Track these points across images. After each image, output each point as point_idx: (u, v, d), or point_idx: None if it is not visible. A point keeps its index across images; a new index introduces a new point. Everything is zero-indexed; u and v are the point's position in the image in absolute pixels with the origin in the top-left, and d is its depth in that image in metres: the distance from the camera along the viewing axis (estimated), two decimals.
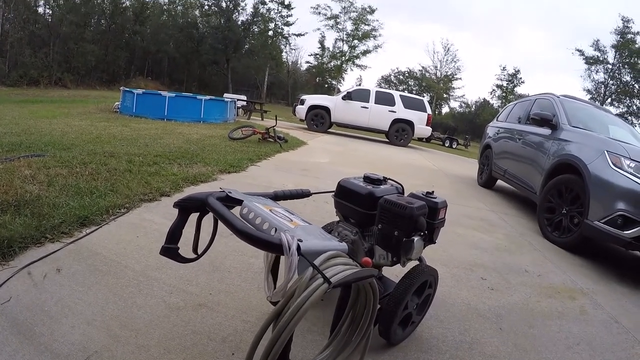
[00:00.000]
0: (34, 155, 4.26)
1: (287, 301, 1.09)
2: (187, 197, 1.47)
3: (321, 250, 1.19)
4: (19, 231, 2.30)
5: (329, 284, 1.10)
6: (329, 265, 1.16)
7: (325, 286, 1.10)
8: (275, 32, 49.46)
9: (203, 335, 1.75)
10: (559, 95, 6.16)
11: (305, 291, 1.08)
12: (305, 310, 1.07)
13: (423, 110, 14.93)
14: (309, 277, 1.11)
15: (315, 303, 1.08)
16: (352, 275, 1.16)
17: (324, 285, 1.10)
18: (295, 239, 1.14)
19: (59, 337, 1.59)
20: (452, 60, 56.95)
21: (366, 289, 1.31)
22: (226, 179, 4.62)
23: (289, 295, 1.10)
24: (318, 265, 1.13)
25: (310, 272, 1.12)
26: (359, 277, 1.18)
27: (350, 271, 1.17)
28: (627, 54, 41.63)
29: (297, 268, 1.12)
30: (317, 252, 1.17)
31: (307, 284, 1.10)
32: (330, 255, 1.18)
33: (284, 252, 1.12)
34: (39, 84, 30.05)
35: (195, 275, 2.24)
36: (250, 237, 1.17)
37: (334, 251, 1.21)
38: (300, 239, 1.17)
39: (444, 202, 1.95)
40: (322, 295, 1.10)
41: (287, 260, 1.12)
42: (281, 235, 1.16)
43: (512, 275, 3.14)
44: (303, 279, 1.10)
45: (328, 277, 1.11)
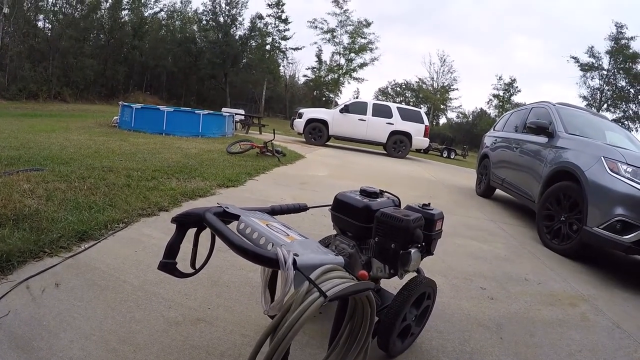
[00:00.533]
0: (32, 170, 4.27)
1: (284, 315, 1.10)
2: (185, 212, 1.48)
3: (317, 264, 1.20)
4: (17, 245, 2.30)
5: (325, 297, 1.11)
6: (325, 279, 1.17)
7: (321, 300, 1.11)
8: (272, 46, 49.79)
9: (202, 349, 1.75)
10: (555, 103, 6.21)
11: (301, 305, 1.09)
12: (301, 323, 1.08)
13: (420, 122, 15.01)
14: (305, 291, 1.12)
15: (311, 316, 1.09)
16: (348, 289, 1.17)
17: (320, 299, 1.11)
18: (291, 254, 1.16)
19: (58, 352, 1.59)
20: (448, 71, 57.53)
21: (363, 301, 1.32)
22: (224, 194, 4.62)
23: (286, 309, 1.11)
24: (314, 279, 1.14)
25: (306, 286, 1.13)
26: (355, 290, 1.19)
27: (346, 284, 1.18)
28: (622, 59, 42.05)
29: (294, 282, 1.13)
30: (314, 266, 1.18)
31: (303, 298, 1.11)
32: (326, 269, 1.19)
33: (280, 267, 1.13)
34: (38, 98, 30.10)
35: (193, 289, 2.25)
36: (246, 252, 1.18)
37: (330, 265, 1.22)
38: (297, 254, 1.18)
39: (440, 213, 1.97)
40: (318, 309, 1.11)
41: (283, 274, 1.14)
42: (277, 250, 1.17)
43: (512, 284, 3.14)
44: (299, 293, 1.11)
45: (324, 290, 1.12)
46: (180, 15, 49.77)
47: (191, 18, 49.68)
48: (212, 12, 46.61)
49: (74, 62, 34.13)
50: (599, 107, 42.64)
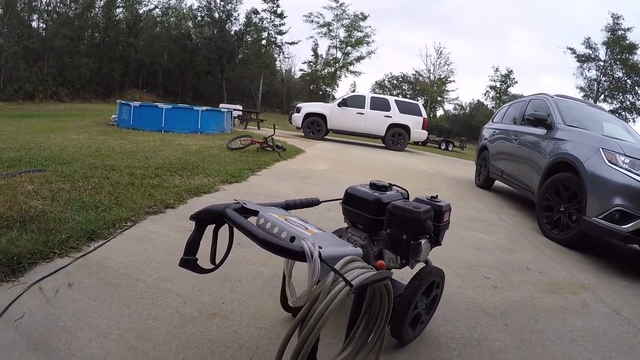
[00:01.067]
0: (35, 170, 4.26)
1: (312, 305, 1.13)
2: (204, 209, 1.50)
3: (340, 255, 1.23)
4: (27, 247, 2.31)
5: (351, 286, 1.14)
6: (348, 269, 1.20)
7: (347, 289, 1.14)
8: (268, 41, 49.52)
9: (220, 343, 1.77)
10: (553, 95, 6.24)
11: (329, 294, 1.13)
12: (330, 312, 1.11)
13: (418, 115, 15.03)
14: (332, 281, 1.15)
15: (338, 305, 1.12)
16: (371, 278, 1.21)
17: (345, 288, 1.14)
18: (316, 246, 1.18)
19: (77, 352, 1.60)
20: (445, 63, 57.26)
21: (381, 290, 1.35)
22: (228, 190, 4.63)
23: (313, 299, 1.14)
24: (338, 269, 1.17)
25: (332, 276, 1.16)
26: (377, 279, 1.23)
27: (368, 274, 1.21)
28: (618, 50, 41.97)
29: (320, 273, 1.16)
30: (336, 257, 1.22)
31: (330, 288, 1.14)
32: (349, 260, 1.23)
33: (306, 259, 1.16)
34: (34, 98, 29.96)
35: (207, 285, 2.26)
36: (272, 246, 1.21)
37: (351, 256, 1.25)
38: (320, 246, 1.20)
39: (447, 205, 2.03)
40: (344, 298, 1.14)
41: (309, 266, 1.16)
42: (302, 243, 1.20)
43: (515, 274, 3.19)
44: (326, 283, 1.14)
45: (349, 280, 1.15)
46: (175, 11, 49.48)
47: (186, 14, 49.37)
48: (207, 8, 46.24)
49: (70, 61, 33.92)
50: (596, 98, 42.64)
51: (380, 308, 1.41)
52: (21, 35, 32.52)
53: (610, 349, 2.21)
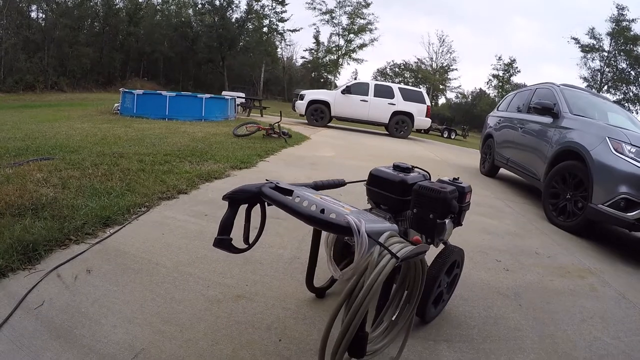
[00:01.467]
0: (43, 159, 4.23)
1: (359, 278, 1.12)
2: (238, 189, 1.48)
3: (381, 230, 1.23)
4: (41, 234, 2.27)
5: (397, 258, 1.14)
6: (390, 243, 1.21)
7: (393, 261, 1.14)
8: (269, 28, 49.21)
9: (247, 324, 1.76)
10: (559, 84, 6.21)
11: (376, 267, 1.13)
12: (378, 285, 1.11)
13: (422, 102, 14.89)
14: (378, 254, 1.15)
15: (384, 278, 1.12)
16: (414, 250, 1.21)
17: (392, 260, 1.14)
18: (362, 221, 1.18)
19: (102, 338, 1.57)
20: (447, 52, 56.68)
21: (417, 265, 1.35)
22: (239, 175, 4.61)
23: (361, 272, 1.14)
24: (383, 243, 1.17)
25: (378, 249, 1.16)
26: (420, 251, 1.24)
27: (409, 247, 1.21)
28: (623, 42, 41.53)
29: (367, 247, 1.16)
30: (378, 232, 1.22)
31: (377, 261, 1.14)
32: (390, 235, 1.22)
33: (353, 234, 1.16)
34: (35, 89, 29.97)
35: (228, 268, 2.25)
36: (319, 222, 1.21)
37: (390, 231, 1.24)
38: (363, 220, 1.20)
39: (469, 187, 2.05)
40: (390, 270, 1.14)
41: (356, 240, 1.16)
42: (348, 218, 1.19)
43: (524, 257, 3.24)
44: (373, 256, 1.14)
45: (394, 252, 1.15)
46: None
47: (186, 2, 48.99)
48: None
49: (70, 51, 33.83)
50: (600, 89, 42.15)
51: (414, 283, 1.40)
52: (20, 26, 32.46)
53: (618, 330, 2.26)
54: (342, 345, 1.14)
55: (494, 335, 2.00)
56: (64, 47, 33.69)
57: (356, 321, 1.10)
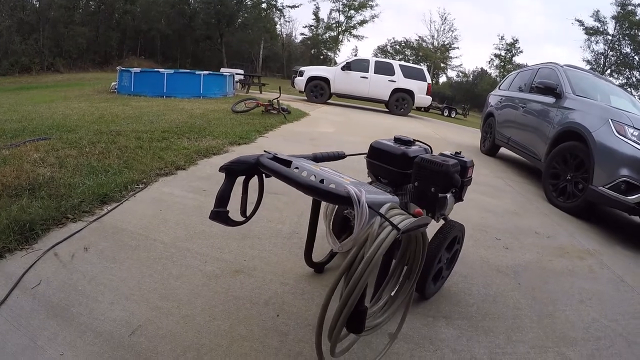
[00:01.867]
0: (39, 139, 4.18)
1: (359, 250, 1.08)
2: (235, 160, 1.44)
3: (382, 201, 1.19)
4: (38, 213, 2.24)
5: (398, 230, 1.11)
6: (391, 215, 1.16)
7: (394, 232, 1.10)
8: (268, 4, 48.45)
9: (245, 300, 1.75)
10: (563, 65, 6.14)
11: (377, 239, 1.09)
12: (379, 257, 1.07)
13: (423, 80, 14.69)
14: (379, 224, 1.11)
15: (385, 250, 1.08)
16: (416, 222, 1.18)
17: (393, 232, 1.10)
18: (363, 191, 1.14)
19: (99, 315, 1.56)
20: (449, 30, 55.67)
21: (417, 238, 1.31)
22: (237, 150, 4.57)
23: (361, 244, 1.10)
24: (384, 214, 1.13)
25: (378, 221, 1.12)
26: (421, 224, 1.21)
27: (411, 219, 1.17)
28: (627, 26, 40.74)
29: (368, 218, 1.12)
30: (379, 203, 1.18)
31: (377, 232, 1.10)
32: (390, 207, 1.18)
33: (353, 204, 1.12)
34: (31, 71, 29.69)
35: (226, 243, 2.23)
36: (318, 192, 1.17)
37: (391, 203, 1.20)
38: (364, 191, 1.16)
39: (471, 161, 2.02)
40: (391, 242, 1.10)
41: (357, 211, 1.12)
42: (348, 188, 1.15)
43: (524, 237, 3.24)
44: (373, 228, 1.10)
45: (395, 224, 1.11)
46: None
47: None
48: None
49: (65, 31, 33.35)
50: (602, 72, 41.24)
51: (415, 257, 1.37)
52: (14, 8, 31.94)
53: (616, 313, 2.25)
54: (341, 320, 1.11)
55: (493, 313, 2.00)
56: (59, 27, 33.20)
57: (355, 294, 1.06)
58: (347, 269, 1.09)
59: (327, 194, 1.16)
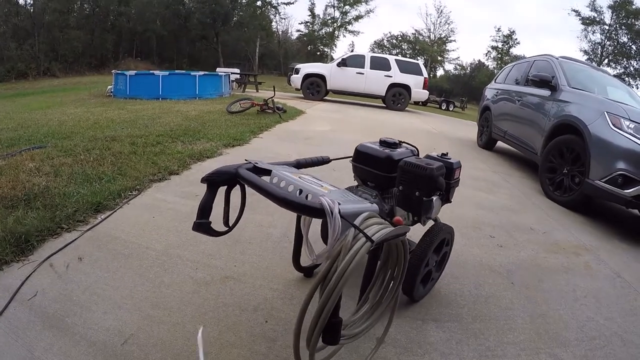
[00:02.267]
0: (35, 148, 4.20)
1: (333, 262, 1.10)
2: (215, 171, 1.45)
3: (358, 211, 1.20)
4: (34, 224, 2.27)
5: (372, 242, 1.11)
6: (367, 225, 1.18)
7: (368, 244, 1.11)
8: (263, 2, 48.29)
9: (234, 306, 1.77)
10: (558, 57, 6.11)
11: (350, 251, 1.10)
12: (352, 269, 1.08)
13: (419, 74, 14.67)
14: (352, 237, 1.12)
15: (359, 262, 1.09)
16: (391, 233, 1.18)
17: (367, 243, 1.11)
18: (336, 203, 1.15)
19: (93, 325, 1.59)
20: (445, 23, 55.86)
21: (398, 246, 1.33)
22: (231, 153, 4.59)
23: (334, 256, 1.11)
24: (358, 225, 1.15)
25: (352, 232, 1.13)
26: (397, 234, 1.20)
27: (387, 229, 1.18)
28: (624, 15, 40.79)
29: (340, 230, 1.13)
30: (355, 213, 1.19)
31: (351, 244, 1.11)
32: (367, 216, 1.20)
33: (326, 216, 1.13)
34: (27, 76, 29.66)
35: (217, 249, 2.25)
36: (291, 204, 1.17)
37: (369, 212, 1.22)
38: (339, 202, 1.17)
39: (458, 162, 2.03)
40: (365, 254, 1.11)
41: (329, 223, 1.13)
42: (321, 199, 1.16)
43: (519, 233, 3.22)
44: (347, 240, 1.12)
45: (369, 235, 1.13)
46: None
47: None
48: None
49: (60, 35, 33.28)
50: (600, 62, 41.52)
51: (396, 264, 1.39)
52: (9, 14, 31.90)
53: (612, 310, 2.25)
54: (315, 332, 1.12)
55: (484, 314, 2.00)
56: (54, 31, 33.14)
57: (329, 307, 1.08)
58: (321, 281, 1.11)
59: (299, 207, 1.17)
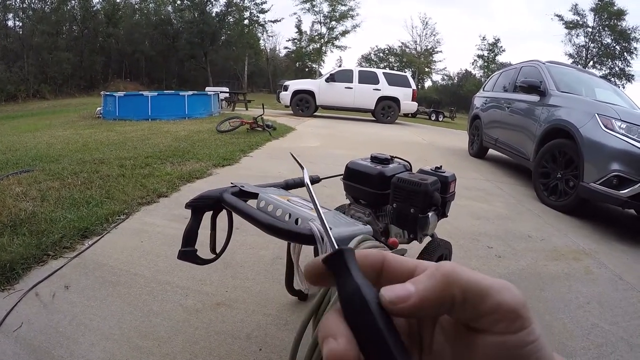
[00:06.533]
0: (22, 172, 4.15)
1: (327, 291, 1.05)
2: (199, 196, 1.40)
3: (350, 235, 1.14)
4: (19, 252, 2.22)
5: None
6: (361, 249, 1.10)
7: None
8: (250, 20, 48.61)
9: (227, 334, 1.72)
10: (545, 62, 6.17)
11: None
12: None
13: (407, 86, 14.81)
14: None
15: None
16: None
17: None
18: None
19: (80, 357, 1.53)
20: (431, 34, 56.37)
21: None
22: (221, 173, 4.55)
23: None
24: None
25: None
26: None
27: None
28: (607, 17, 41.31)
29: None
30: (347, 237, 1.13)
31: None
32: (360, 240, 1.14)
33: (316, 242, 1.08)
34: (17, 99, 29.46)
35: (207, 274, 2.20)
36: (279, 231, 1.12)
37: (362, 235, 1.17)
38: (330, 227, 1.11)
39: (453, 175, 1.97)
40: None
41: (320, 250, 1.08)
42: (311, 225, 1.11)
43: (517, 242, 3.20)
44: None
45: None
46: None
47: None
48: None
49: (49, 57, 33.19)
50: (585, 64, 42.02)
51: None
52: None
53: (615, 314, 2.22)
54: None
55: None
56: (44, 53, 33.06)
57: None
58: (315, 311, 1.06)
59: (288, 233, 1.12)
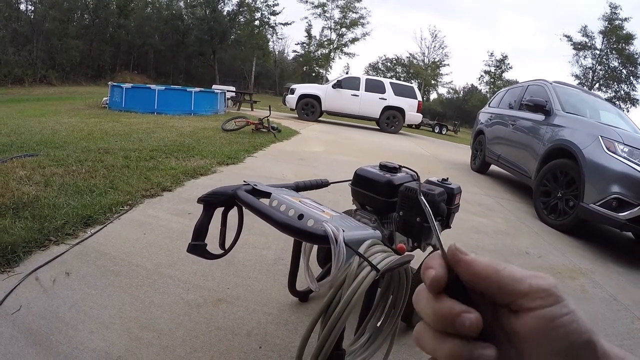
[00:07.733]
0: (26, 155, 4.14)
1: (337, 292, 1.06)
2: (212, 191, 1.40)
3: (362, 238, 1.16)
4: (21, 235, 2.21)
5: (377, 271, 1.07)
6: (371, 253, 1.13)
7: (373, 273, 1.06)
8: (261, 21, 48.72)
9: (227, 330, 1.72)
10: (552, 82, 6.21)
11: (355, 280, 1.05)
12: (357, 299, 1.04)
13: (413, 97, 14.88)
14: (357, 265, 1.07)
15: (364, 291, 1.05)
16: (397, 262, 1.14)
17: (372, 272, 1.07)
18: (340, 229, 1.11)
19: (78, 345, 1.53)
20: (439, 47, 56.37)
21: (400, 274, 1.29)
22: (225, 171, 4.55)
23: (338, 285, 1.07)
24: (362, 253, 1.10)
25: (357, 260, 1.08)
26: (402, 262, 1.16)
27: (391, 257, 1.14)
28: (615, 40, 41.53)
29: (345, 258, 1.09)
30: (359, 241, 1.14)
31: (356, 273, 1.06)
32: (371, 243, 1.15)
33: (330, 243, 1.08)
34: (23, 82, 29.49)
35: (209, 270, 2.20)
36: (294, 230, 1.13)
37: (372, 239, 1.18)
38: (343, 229, 1.13)
39: (458, 188, 2.00)
40: (370, 283, 1.07)
41: (334, 251, 1.09)
42: (325, 226, 1.12)
43: (514, 257, 3.22)
44: (352, 268, 1.07)
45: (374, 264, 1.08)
46: None
47: None
48: None
49: (59, 44, 33.24)
50: (591, 86, 42.17)
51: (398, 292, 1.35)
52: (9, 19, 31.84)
53: (609, 334, 2.24)
54: None
55: None
56: (53, 39, 33.12)
57: (332, 338, 1.02)
58: (324, 311, 1.07)
59: (302, 233, 1.13)
